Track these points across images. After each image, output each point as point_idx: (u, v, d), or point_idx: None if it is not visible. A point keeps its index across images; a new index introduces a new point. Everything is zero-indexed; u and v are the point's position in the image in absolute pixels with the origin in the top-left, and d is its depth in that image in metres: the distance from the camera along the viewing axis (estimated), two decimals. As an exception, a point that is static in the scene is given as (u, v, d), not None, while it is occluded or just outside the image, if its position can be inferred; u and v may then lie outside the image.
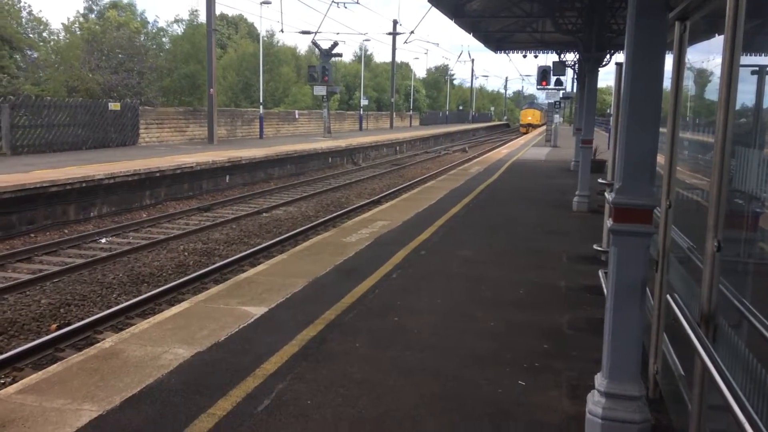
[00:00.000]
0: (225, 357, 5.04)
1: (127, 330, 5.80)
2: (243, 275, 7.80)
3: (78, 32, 37.69)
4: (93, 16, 47.60)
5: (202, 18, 32.97)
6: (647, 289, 4.05)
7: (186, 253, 11.84)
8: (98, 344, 5.41)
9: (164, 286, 9.41)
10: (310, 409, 4.21)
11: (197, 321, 5.86)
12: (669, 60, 4.12)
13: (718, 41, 2.98)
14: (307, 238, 12.11)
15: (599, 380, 3.92)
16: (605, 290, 4.39)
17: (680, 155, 4.46)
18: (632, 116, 3.71)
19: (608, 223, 3.92)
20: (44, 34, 42.48)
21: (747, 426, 1.90)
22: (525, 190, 17.05)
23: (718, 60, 2.90)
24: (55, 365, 4.94)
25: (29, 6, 51.83)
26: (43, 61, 35.49)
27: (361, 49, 68.65)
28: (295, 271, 7.72)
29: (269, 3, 36.92)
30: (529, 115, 79.09)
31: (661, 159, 4.18)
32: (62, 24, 58.18)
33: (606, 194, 5.40)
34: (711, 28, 4.07)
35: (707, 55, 4.17)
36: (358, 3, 38.05)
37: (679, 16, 4.07)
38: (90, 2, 50.54)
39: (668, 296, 3.36)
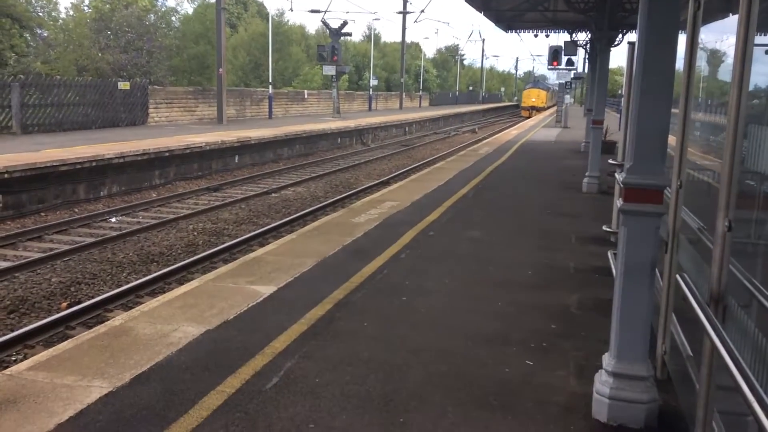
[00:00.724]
0: (234, 335, 5.07)
1: (136, 308, 5.84)
2: (252, 255, 7.83)
3: (87, 10, 37.54)
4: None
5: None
6: (656, 269, 4.03)
7: (195, 233, 11.89)
8: (108, 322, 5.45)
9: (174, 265, 9.46)
10: (318, 387, 4.24)
11: (206, 300, 5.89)
12: (682, 39, 4.07)
13: (732, 21, 2.94)
14: (316, 219, 12.13)
15: (607, 360, 3.93)
16: (614, 271, 4.38)
17: (691, 136, 4.42)
18: (644, 96, 3.68)
19: (618, 203, 3.90)
20: (53, 13, 42.42)
21: (756, 406, 1.89)
22: (534, 171, 16.98)
23: (732, 40, 2.86)
24: (65, 342, 4.98)
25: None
26: (52, 39, 35.46)
27: (370, 28, 68.30)
28: (304, 251, 7.74)
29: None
30: (533, 96, 65.05)
31: (672, 140, 4.15)
32: (71, 2, 58.00)
33: (616, 175, 5.37)
34: (725, 7, 4.02)
35: (721, 35, 4.12)
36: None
37: (693, -6, 4.01)
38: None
39: (678, 276, 3.35)
